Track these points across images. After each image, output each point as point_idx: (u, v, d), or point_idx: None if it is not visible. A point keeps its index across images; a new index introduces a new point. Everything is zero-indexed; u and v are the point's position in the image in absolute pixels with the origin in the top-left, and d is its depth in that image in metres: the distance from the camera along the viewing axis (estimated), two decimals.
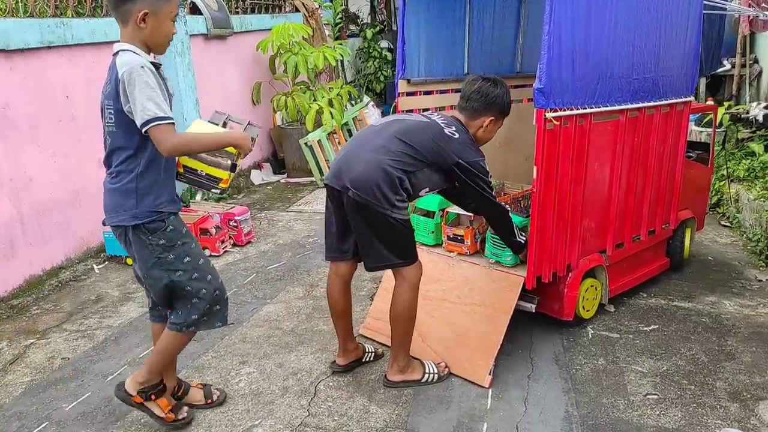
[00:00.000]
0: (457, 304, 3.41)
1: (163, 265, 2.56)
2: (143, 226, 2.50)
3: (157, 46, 2.50)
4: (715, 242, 5.19)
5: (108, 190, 2.54)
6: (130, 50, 2.41)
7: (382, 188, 2.80)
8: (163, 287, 2.61)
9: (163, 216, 2.54)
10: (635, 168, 3.75)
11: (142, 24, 2.40)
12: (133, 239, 2.53)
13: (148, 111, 2.32)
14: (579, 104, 3.23)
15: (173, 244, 2.56)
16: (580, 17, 3.09)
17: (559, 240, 3.36)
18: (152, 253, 2.54)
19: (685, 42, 3.90)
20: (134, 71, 2.32)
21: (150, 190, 2.50)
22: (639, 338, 3.63)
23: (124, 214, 2.49)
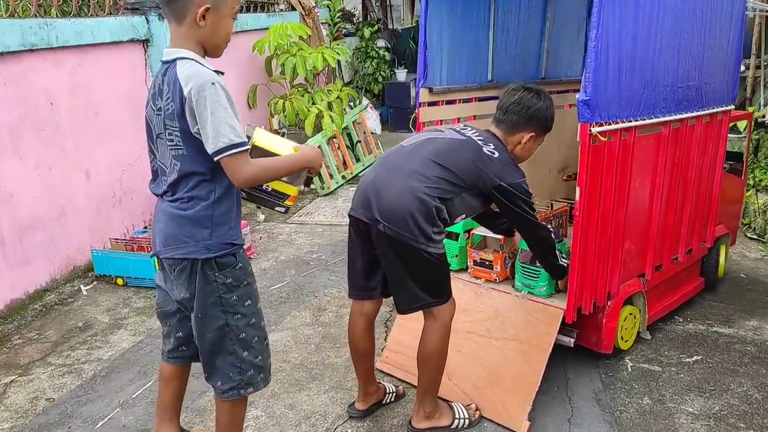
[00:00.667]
0: (487, 338, 3.08)
1: (224, 306, 2.19)
2: (215, 260, 2.14)
3: (216, 48, 2.14)
4: (744, 257, 4.89)
5: (173, 217, 2.16)
6: (191, 59, 2.04)
7: (418, 220, 2.46)
8: (215, 330, 2.21)
9: (235, 249, 2.19)
10: (676, 183, 3.44)
11: (201, 21, 2.04)
12: (200, 274, 2.16)
13: (222, 137, 1.98)
14: (624, 117, 2.91)
15: (239, 284, 2.20)
16: (628, 20, 2.77)
17: (600, 266, 3.04)
18: (215, 291, 2.17)
19: (728, 45, 3.59)
20: (205, 89, 1.97)
21: (226, 219, 2.15)
22: (683, 372, 3.32)
23: (196, 245, 2.12)
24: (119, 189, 5.03)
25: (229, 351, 2.23)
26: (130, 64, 5.16)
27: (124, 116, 5.07)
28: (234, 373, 2.25)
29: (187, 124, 2.04)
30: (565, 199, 4.26)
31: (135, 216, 5.20)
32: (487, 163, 2.57)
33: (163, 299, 2.39)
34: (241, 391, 2.27)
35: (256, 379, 2.30)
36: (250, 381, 2.29)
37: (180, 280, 2.20)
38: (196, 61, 2.05)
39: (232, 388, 2.26)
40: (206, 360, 2.28)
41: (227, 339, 2.22)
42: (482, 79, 3.65)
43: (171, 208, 2.17)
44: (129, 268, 4.47)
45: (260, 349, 2.29)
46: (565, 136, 4.35)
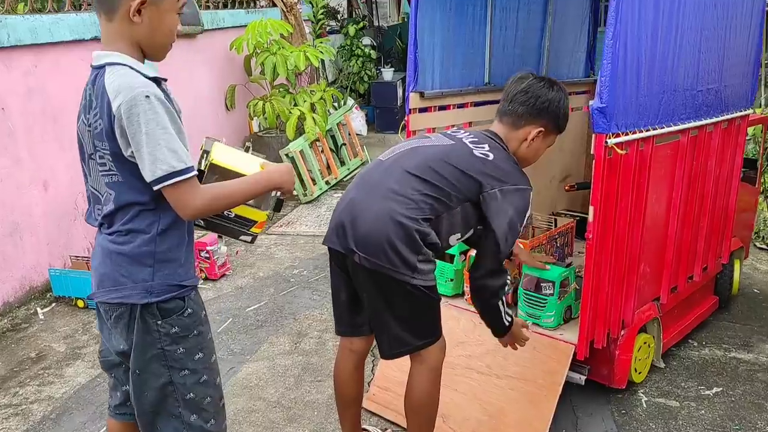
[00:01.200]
0: (488, 375, 2.73)
1: (167, 361, 1.81)
2: (157, 305, 1.77)
3: (158, 49, 1.76)
4: (755, 270, 4.58)
5: (109, 254, 1.78)
6: (123, 64, 1.68)
7: (398, 248, 2.08)
8: (156, 390, 1.83)
9: (184, 292, 1.81)
10: (693, 196, 3.11)
11: (136, 17, 1.67)
12: (138, 322, 1.78)
13: (161, 163, 1.63)
14: (642, 125, 2.56)
15: (187, 334, 1.82)
16: (648, 15, 2.42)
17: (615, 294, 2.69)
18: (157, 342, 1.79)
19: (748, 43, 3.27)
20: (137, 104, 1.60)
21: (173, 256, 1.79)
22: (703, 407, 2.98)
23: (134, 287, 1.76)
24: (81, 200, 4.62)
25: (173, 414, 1.84)
26: None
27: None
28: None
29: (118, 146, 1.66)
30: (567, 211, 3.92)
31: None
32: (478, 168, 2.17)
33: (105, 347, 2.01)
34: None
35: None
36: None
37: (117, 329, 1.82)
38: (130, 67, 1.67)
39: None
40: (145, 425, 1.89)
41: (171, 399, 1.83)
42: (479, 81, 3.29)
43: (107, 243, 1.78)
44: (89, 288, 4.05)
45: (213, 411, 1.90)
46: (566, 143, 4.01)
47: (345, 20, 11.01)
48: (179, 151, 1.64)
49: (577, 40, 3.96)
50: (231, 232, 1.97)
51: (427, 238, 2.13)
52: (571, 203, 4.06)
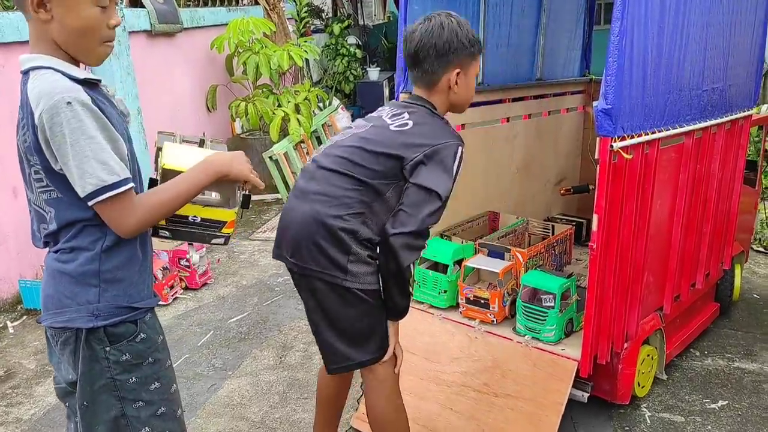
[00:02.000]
0: (485, 394, 2.56)
1: (119, 391, 1.63)
2: (104, 329, 1.59)
3: (83, 51, 1.55)
4: (754, 274, 4.46)
5: (52, 273, 1.61)
6: (47, 67, 1.49)
7: (324, 248, 1.93)
8: (107, 423, 1.64)
9: (137, 316, 1.63)
10: (697, 200, 2.97)
11: (41, 12, 1.46)
12: (84, 349, 1.60)
13: (89, 177, 1.45)
14: (648, 128, 2.41)
15: (140, 362, 1.64)
16: (655, 12, 2.27)
17: (619, 306, 2.54)
18: (106, 371, 1.61)
19: (752, 41, 3.14)
20: (58, 112, 1.41)
21: (122, 275, 1.61)
22: (709, 421, 2.84)
23: (78, 310, 1.58)
24: None
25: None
26: None
27: None
28: None
29: (47, 160, 1.48)
30: (562, 215, 3.78)
31: None
32: (397, 142, 1.98)
33: (60, 376, 1.82)
34: None
35: None
36: None
37: (64, 356, 1.63)
38: (56, 70, 1.47)
39: None
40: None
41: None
42: None
43: (52, 261, 1.60)
44: None
45: None
46: (561, 145, 3.87)
47: (330, 19, 10.82)
48: (110, 162, 1.46)
49: (573, 38, 3.82)
50: (201, 237, 1.79)
51: (357, 235, 1.95)
52: (566, 207, 3.92)
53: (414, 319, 2.84)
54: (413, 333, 2.83)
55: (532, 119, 3.59)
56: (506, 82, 3.38)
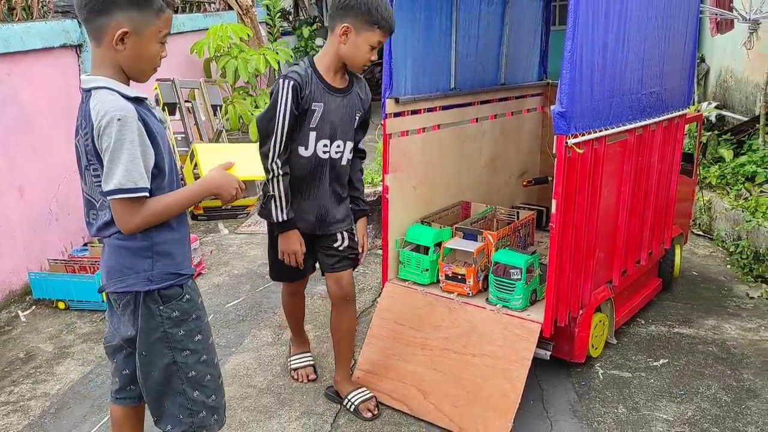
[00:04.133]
0: (464, 354, 3.01)
1: (170, 342, 2.03)
2: (158, 292, 1.99)
3: (140, 73, 1.95)
4: (694, 254, 5.01)
5: (113, 248, 1.99)
6: (106, 88, 1.86)
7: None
8: (161, 369, 2.05)
9: (182, 280, 2.03)
10: (639, 188, 3.46)
11: (119, 45, 1.86)
12: (142, 308, 2.00)
13: (113, 178, 1.83)
14: (596, 126, 2.88)
15: (186, 318, 2.04)
16: (599, 31, 2.74)
17: (575, 277, 3.01)
18: (160, 326, 2.01)
19: (684, 50, 3.64)
20: (110, 125, 1.80)
21: (170, 248, 2.00)
22: (652, 376, 3.34)
23: (136, 277, 1.97)
24: (56, 205, 4.70)
25: (178, 391, 2.06)
26: (63, 71, 4.83)
27: (59, 127, 4.74)
28: (185, 415, 2.08)
29: (102, 161, 1.88)
30: (525, 204, 4.24)
31: (73, 233, 4.88)
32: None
33: (110, 333, 2.21)
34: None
35: (210, 421, 2.13)
36: (203, 423, 2.11)
37: (125, 316, 2.04)
38: (113, 90, 1.86)
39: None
40: (153, 402, 2.10)
41: (175, 378, 2.06)
42: (445, 87, 3.57)
43: (113, 239, 2.00)
44: (71, 290, 4.18)
45: (213, 388, 2.13)
46: (523, 142, 4.34)
47: (296, 21, 11.14)
48: (134, 172, 1.83)
49: (531, 47, 4.29)
50: (230, 216, 2.24)
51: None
52: (528, 197, 4.39)
53: (400, 294, 3.29)
54: (401, 307, 3.26)
55: (497, 119, 4.05)
56: (475, 87, 3.82)
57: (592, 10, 2.65)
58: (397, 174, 3.24)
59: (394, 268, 3.39)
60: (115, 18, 1.82)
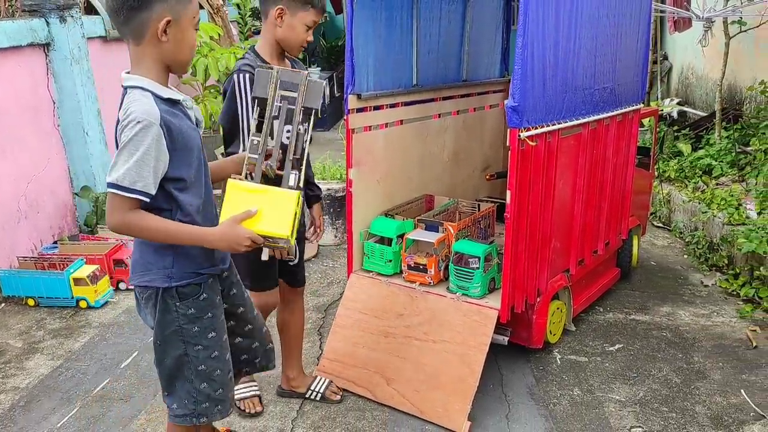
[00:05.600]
0: (425, 341, 3.11)
1: (184, 336, 2.10)
2: (176, 289, 2.05)
3: (182, 65, 2.00)
4: (653, 245, 5.18)
5: (138, 244, 2.06)
6: (141, 88, 1.89)
7: None
8: (173, 359, 2.12)
9: (201, 279, 2.08)
10: (595, 180, 3.60)
11: (163, 36, 1.89)
12: (160, 302, 2.07)
13: (114, 172, 1.86)
14: (549, 120, 3.01)
15: (201, 316, 2.10)
16: (550, 29, 2.86)
17: (531, 265, 3.13)
18: (175, 320, 2.08)
19: (636, 48, 3.79)
20: (129, 126, 1.84)
21: (189, 248, 2.03)
22: (607, 360, 3.48)
23: (156, 273, 2.03)
24: (24, 203, 4.72)
25: (187, 379, 2.14)
26: (31, 69, 4.85)
27: (27, 126, 4.77)
28: (189, 401, 2.15)
29: None
30: (488, 198, 4.36)
31: (43, 231, 4.91)
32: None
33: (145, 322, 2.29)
34: (194, 419, 2.17)
35: (212, 411, 2.20)
36: (205, 412, 2.18)
37: (147, 308, 2.11)
38: (147, 90, 1.90)
39: (185, 415, 2.16)
40: (164, 380, 2.18)
41: (185, 368, 2.13)
42: (407, 83, 3.67)
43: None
44: (40, 287, 4.21)
45: (221, 382, 2.18)
46: (486, 137, 4.46)
47: None
48: (134, 174, 1.84)
49: (493, 44, 4.41)
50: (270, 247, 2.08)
51: None
52: (491, 191, 4.51)
53: (365, 285, 3.39)
54: (365, 297, 3.36)
55: (460, 115, 4.16)
56: (437, 83, 3.93)
57: (542, 9, 2.77)
58: (360, 168, 3.34)
59: (358, 260, 3.48)
60: (155, 10, 1.86)
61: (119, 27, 1.92)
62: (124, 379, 3.39)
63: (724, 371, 3.36)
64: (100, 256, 4.42)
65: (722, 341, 3.66)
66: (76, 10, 5.15)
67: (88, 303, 4.18)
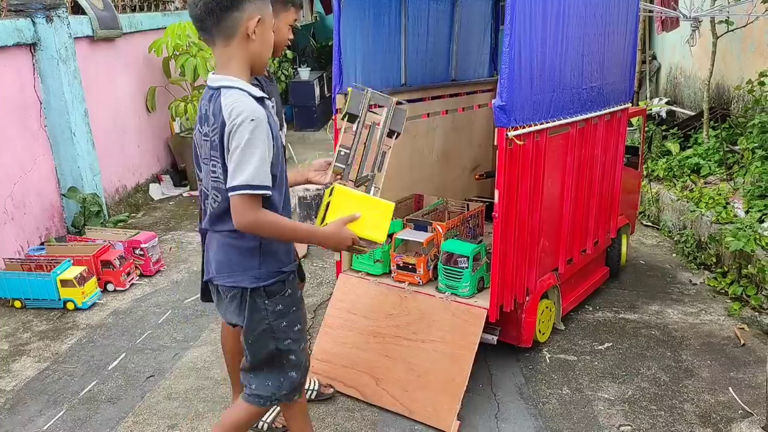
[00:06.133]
0: (414, 341, 3.11)
1: (274, 333, 2.17)
2: (263, 289, 2.11)
3: (264, 64, 2.07)
4: (642, 244, 5.20)
5: (223, 246, 2.11)
6: (237, 88, 1.95)
7: None
8: (265, 355, 2.20)
9: (284, 277, 2.15)
10: (583, 179, 3.61)
11: (253, 36, 1.95)
12: (249, 302, 2.12)
13: (240, 174, 1.89)
14: (537, 119, 3.01)
15: (287, 311, 2.18)
16: (537, 28, 2.86)
17: (520, 264, 3.13)
18: (265, 318, 2.14)
19: (624, 47, 3.80)
20: (243, 125, 1.88)
21: (275, 248, 2.12)
22: (596, 359, 3.48)
23: (244, 274, 2.09)
24: (11, 204, 4.68)
25: (278, 369, 2.22)
26: (17, 69, 4.81)
27: (13, 125, 4.73)
28: (274, 385, 2.23)
29: (224, 157, 1.96)
30: (478, 198, 4.36)
31: (30, 232, 4.87)
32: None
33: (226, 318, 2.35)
34: (267, 403, 2.26)
35: (291, 396, 2.28)
36: (279, 398, 2.27)
37: (232, 306, 2.16)
38: (243, 91, 1.95)
39: (265, 397, 2.24)
40: (252, 365, 2.23)
41: (276, 360, 2.21)
42: (396, 83, 3.67)
43: (223, 237, 2.10)
44: (27, 289, 4.18)
45: (304, 370, 2.29)
46: (475, 136, 4.47)
47: None
48: (261, 172, 1.91)
49: (481, 43, 4.41)
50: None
51: None
52: (481, 190, 4.51)
53: (354, 285, 3.38)
54: (354, 297, 3.35)
55: (449, 114, 4.16)
56: (426, 83, 3.93)
57: (529, 8, 2.77)
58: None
59: (347, 260, 3.47)
60: (246, 9, 1.92)
61: (209, 29, 1.95)
62: (112, 380, 3.37)
63: (713, 369, 3.37)
64: (87, 258, 4.39)
65: (710, 339, 3.67)
66: (62, 9, 5.11)
67: (76, 304, 4.14)
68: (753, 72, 5.63)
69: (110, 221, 5.55)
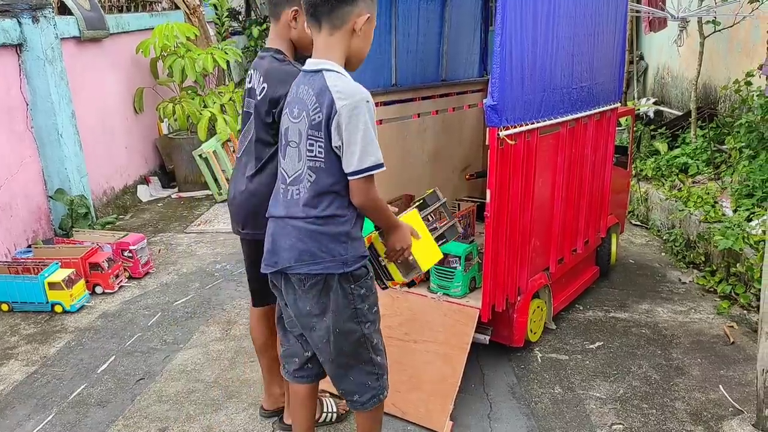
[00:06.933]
0: (406, 341, 3.10)
1: (359, 317, 2.19)
2: (351, 273, 2.12)
3: (360, 60, 2.13)
4: (631, 243, 5.22)
5: (309, 233, 2.10)
6: (339, 72, 2.01)
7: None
8: (353, 343, 2.20)
9: (365, 262, 2.18)
10: (573, 179, 3.61)
11: (359, 31, 2.02)
12: (336, 289, 2.12)
13: (370, 156, 1.97)
14: (528, 119, 3.01)
15: (369, 293, 2.21)
16: (528, 28, 2.86)
17: (511, 264, 3.13)
18: (352, 303, 2.16)
19: (613, 47, 3.81)
20: (360, 107, 1.94)
21: (357, 234, 2.16)
22: (588, 358, 3.49)
23: (332, 260, 2.09)
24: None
25: (365, 360, 2.24)
26: (3, 70, 4.77)
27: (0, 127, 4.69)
28: (372, 380, 2.26)
29: (329, 138, 1.98)
30: (469, 198, 4.36)
31: (17, 235, 4.82)
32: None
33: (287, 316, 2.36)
34: (381, 396, 2.29)
35: (387, 383, 2.32)
36: (385, 385, 2.31)
37: (309, 294, 2.15)
38: (342, 74, 1.99)
39: (373, 397, 2.27)
40: (339, 377, 2.27)
41: (364, 348, 2.22)
42: (386, 83, 3.67)
43: (306, 224, 2.10)
44: (14, 292, 4.14)
45: (383, 351, 2.31)
46: (465, 136, 4.47)
47: (246, 21, 11.10)
48: (378, 149, 1.99)
49: (471, 43, 4.41)
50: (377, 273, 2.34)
51: None
52: (471, 190, 4.52)
53: None
54: None
55: (439, 115, 4.17)
56: (416, 83, 3.93)
57: (520, 9, 2.78)
58: None
59: None
60: (358, 5, 1.99)
61: (319, 16, 2.00)
62: (101, 384, 3.34)
63: (703, 367, 3.39)
64: (75, 260, 4.35)
65: (700, 337, 3.69)
66: (49, 10, 5.07)
67: (64, 307, 4.10)
68: (740, 72, 5.68)
69: (98, 223, 5.51)
